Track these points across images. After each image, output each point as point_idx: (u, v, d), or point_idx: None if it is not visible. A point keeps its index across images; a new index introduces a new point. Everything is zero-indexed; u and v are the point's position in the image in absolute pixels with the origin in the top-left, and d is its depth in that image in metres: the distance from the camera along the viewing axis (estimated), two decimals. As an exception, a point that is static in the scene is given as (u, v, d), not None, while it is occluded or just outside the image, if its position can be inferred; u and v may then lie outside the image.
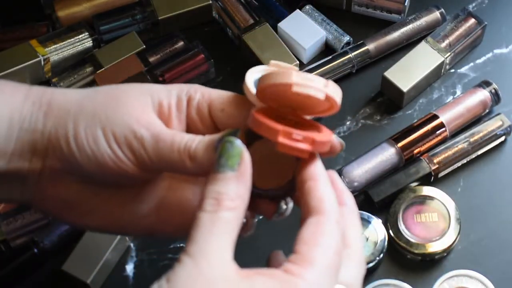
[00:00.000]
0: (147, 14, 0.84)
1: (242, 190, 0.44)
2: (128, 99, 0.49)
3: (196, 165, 0.47)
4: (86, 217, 0.51)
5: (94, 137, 0.47)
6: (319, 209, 0.44)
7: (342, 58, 0.80)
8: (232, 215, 0.43)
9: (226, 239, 0.42)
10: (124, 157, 0.47)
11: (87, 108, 0.48)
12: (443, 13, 0.83)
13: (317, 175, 0.46)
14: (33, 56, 0.79)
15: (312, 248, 0.43)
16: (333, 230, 0.43)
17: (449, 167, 0.74)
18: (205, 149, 0.47)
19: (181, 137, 0.48)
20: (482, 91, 0.77)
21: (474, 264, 0.70)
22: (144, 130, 0.47)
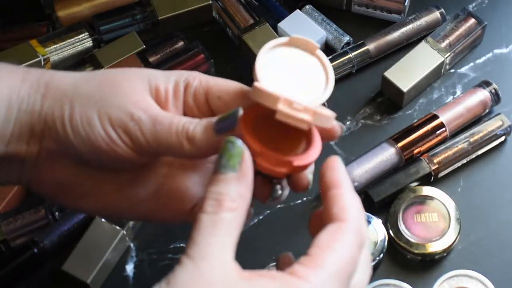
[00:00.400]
0: (147, 14, 0.84)
1: (244, 190, 0.43)
2: (125, 82, 0.49)
3: (194, 148, 0.47)
4: (82, 200, 0.51)
5: (89, 119, 0.47)
6: (341, 217, 0.43)
7: (342, 58, 0.80)
8: (233, 215, 0.42)
9: (227, 240, 0.41)
10: (118, 139, 0.47)
11: (83, 90, 0.48)
12: (443, 13, 0.83)
13: (341, 182, 0.45)
14: (33, 56, 0.79)
15: (324, 252, 0.42)
16: (351, 239, 0.43)
17: (449, 167, 0.74)
18: (203, 130, 0.47)
19: (179, 119, 0.47)
20: (482, 91, 0.77)
21: (474, 264, 0.70)
22: (142, 112, 0.47)
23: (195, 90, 0.50)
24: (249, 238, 0.73)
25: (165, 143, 0.47)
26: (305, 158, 0.46)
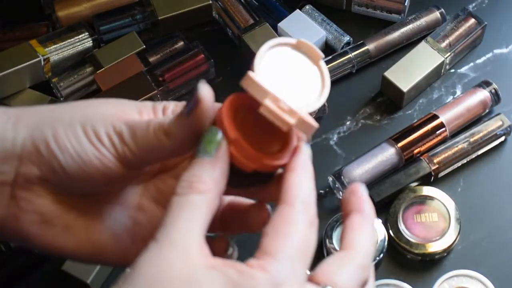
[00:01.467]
0: (147, 14, 0.84)
1: (217, 175, 0.43)
2: (103, 104, 0.48)
3: (173, 140, 0.45)
4: (64, 235, 0.48)
5: (75, 135, 0.46)
6: (284, 199, 0.43)
7: (342, 58, 0.80)
8: (203, 198, 0.42)
9: (194, 225, 0.41)
10: (107, 152, 0.46)
11: (61, 112, 0.47)
12: (443, 13, 0.83)
13: (296, 166, 0.45)
14: (33, 56, 0.78)
15: (273, 239, 0.41)
16: (297, 218, 0.42)
17: (449, 167, 0.74)
18: (176, 119, 0.46)
19: (155, 119, 0.47)
20: (482, 91, 0.77)
21: (474, 264, 0.70)
22: (123, 124, 0.46)
23: (173, 110, 0.49)
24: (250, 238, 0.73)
25: (146, 146, 0.46)
26: (276, 158, 0.45)
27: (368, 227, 0.46)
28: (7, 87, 0.78)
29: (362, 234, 0.45)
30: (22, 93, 0.79)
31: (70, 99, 0.80)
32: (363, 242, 0.45)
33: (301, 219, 0.43)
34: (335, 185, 0.73)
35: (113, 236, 0.49)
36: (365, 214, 0.46)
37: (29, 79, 0.79)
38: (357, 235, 0.45)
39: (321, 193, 0.75)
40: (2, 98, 0.79)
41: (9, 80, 0.78)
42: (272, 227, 0.42)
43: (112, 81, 0.79)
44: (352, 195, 0.47)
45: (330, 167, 0.76)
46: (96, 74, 0.80)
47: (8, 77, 0.77)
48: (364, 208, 0.46)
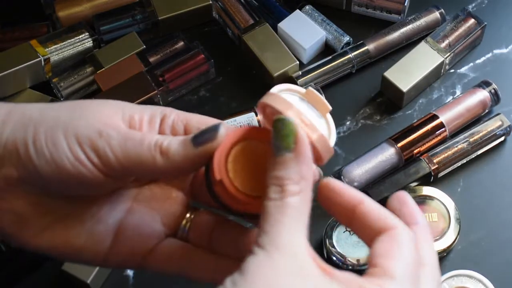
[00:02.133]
0: (147, 14, 0.84)
1: (305, 170, 0.41)
2: (95, 106, 0.47)
3: (169, 161, 0.44)
4: (40, 235, 0.47)
5: (54, 139, 0.45)
6: (387, 226, 0.43)
7: (342, 58, 0.80)
8: (299, 199, 0.40)
9: (296, 226, 0.40)
10: (85, 159, 0.44)
11: (50, 113, 0.46)
12: (443, 13, 0.83)
13: (358, 196, 0.44)
14: (33, 56, 0.79)
15: (390, 261, 0.41)
16: (408, 241, 0.42)
17: (449, 167, 0.74)
18: (179, 143, 0.45)
19: (151, 135, 0.46)
20: (482, 91, 0.77)
21: (474, 264, 0.70)
22: (111, 130, 0.45)
23: (173, 121, 0.48)
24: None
25: (135, 159, 0.45)
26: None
27: (429, 238, 0.45)
28: (8, 87, 0.78)
29: (427, 248, 0.44)
30: (23, 93, 0.79)
31: (70, 99, 0.80)
32: (431, 255, 0.44)
33: (412, 243, 0.42)
34: (335, 185, 0.73)
35: (92, 238, 0.48)
36: (421, 225, 0.45)
37: (29, 79, 0.79)
38: (424, 250, 0.44)
39: (321, 193, 0.75)
40: (3, 98, 0.79)
41: (10, 80, 0.78)
42: (386, 250, 0.41)
43: (112, 81, 0.79)
44: (403, 206, 0.45)
45: (330, 167, 0.76)
46: (96, 74, 0.80)
47: (8, 77, 0.77)
48: (418, 219, 0.45)
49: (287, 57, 0.80)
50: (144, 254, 0.49)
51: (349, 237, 0.70)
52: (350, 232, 0.71)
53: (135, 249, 0.49)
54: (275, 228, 0.40)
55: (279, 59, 0.80)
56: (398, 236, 0.42)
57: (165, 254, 0.49)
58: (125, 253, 0.49)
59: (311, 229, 0.75)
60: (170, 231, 0.50)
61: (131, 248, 0.49)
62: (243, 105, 0.80)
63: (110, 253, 0.49)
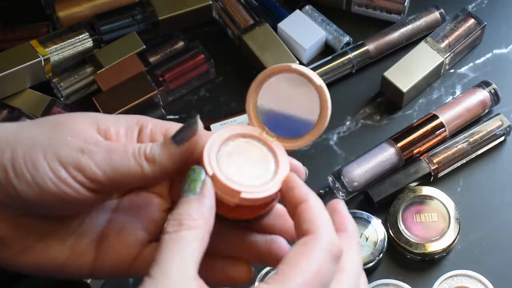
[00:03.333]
0: (147, 14, 0.84)
1: (205, 211, 0.43)
2: (71, 124, 0.46)
3: (157, 167, 0.45)
4: (23, 255, 0.47)
5: (33, 161, 0.44)
6: (309, 230, 0.43)
7: (342, 58, 0.80)
8: (194, 233, 0.42)
9: (188, 257, 0.41)
10: (69, 178, 0.44)
11: (25, 134, 0.45)
12: (442, 13, 0.83)
13: (306, 195, 0.45)
14: (33, 56, 0.79)
15: (290, 269, 0.41)
16: (320, 252, 0.42)
17: (449, 167, 0.74)
18: (161, 146, 0.45)
19: (133, 145, 0.46)
20: (482, 91, 0.77)
21: (473, 264, 0.70)
22: (92, 145, 0.45)
23: (151, 131, 0.48)
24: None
25: (123, 169, 0.44)
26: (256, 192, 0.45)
27: (354, 246, 0.45)
28: (8, 87, 0.78)
29: (350, 255, 0.45)
30: (23, 93, 0.79)
31: (70, 99, 0.80)
32: (351, 262, 0.44)
33: (324, 252, 0.42)
34: (335, 185, 0.74)
35: (75, 253, 0.48)
36: (349, 233, 0.46)
37: (29, 79, 0.79)
38: (345, 257, 0.44)
39: (321, 193, 0.75)
40: (3, 98, 0.79)
41: (10, 80, 0.78)
42: (292, 256, 0.42)
43: (112, 81, 0.79)
44: (334, 213, 0.46)
45: (330, 167, 0.76)
46: (97, 74, 0.80)
47: (8, 77, 0.77)
48: (347, 227, 0.46)
49: (287, 57, 0.80)
50: (130, 262, 0.49)
51: (349, 237, 0.70)
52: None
53: (120, 258, 0.49)
54: (167, 258, 0.41)
55: (279, 59, 0.80)
56: (311, 243, 0.42)
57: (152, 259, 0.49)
58: (110, 263, 0.49)
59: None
60: (153, 237, 0.50)
61: (116, 257, 0.49)
62: (243, 105, 0.79)
63: (95, 265, 0.48)
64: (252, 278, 0.49)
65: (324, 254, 0.42)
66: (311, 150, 0.78)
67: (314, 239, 0.42)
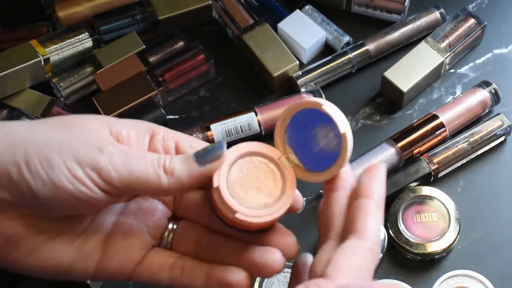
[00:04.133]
0: (147, 14, 0.84)
1: None
2: (84, 123, 0.46)
3: (173, 180, 0.45)
4: (30, 257, 0.47)
5: (48, 159, 0.44)
6: (362, 235, 0.44)
7: (342, 58, 0.80)
8: None
9: None
10: (85, 177, 0.44)
11: (37, 133, 0.45)
12: (443, 13, 0.83)
13: (374, 193, 0.46)
14: (33, 56, 0.79)
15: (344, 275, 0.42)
16: (368, 259, 0.44)
17: (449, 167, 0.74)
18: (183, 162, 0.45)
19: (152, 153, 0.46)
20: (482, 91, 0.77)
21: (473, 264, 0.70)
22: (111, 146, 0.45)
23: (163, 137, 0.48)
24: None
25: (140, 176, 0.44)
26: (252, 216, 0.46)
27: (377, 214, 0.46)
28: (7, 87, 0.78)
29: (372, 221, 0.45)
30: (22, 93, 0.79)
31: (70, 99, 0.80)
32: (373, 229, 0.45)
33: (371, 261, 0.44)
34: (335, 185, 0.73)
35: (81, 255, 0.48)
36: (374, 200, 0.46)
37: (29, 79, 0.79)
38: (367, 222, 0.45)
39: (321, 193, 0.75)
40: (2, 98, 0.79)
41: (9, 80, 0.78)
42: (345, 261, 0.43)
43: (112, 81, 0.79)
44: (367, 176, 0.47)
45: (330, 167, 0.76)
46: (96, 74, 0.80)
47: (8, 77, 0.77)
48: (373, 194, 0.46)
49: (287, 57, 0.80)
50: (134, 266, 0.49)
51: (349, 237, 0.70)
52: (350, 232, 0.71)
53: (124, 261, 0.49)
54: None
55: (279, 59, 0.80)
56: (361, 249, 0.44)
57: (156, 263, 0.49)
58: (114, 266, 0.49)
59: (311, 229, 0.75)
60: (156, 242, 0.50)
61: (120, 260, 0.49)
62: (243, 105, 0.80)
63: (99, 267, 0.49)
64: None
65: (371, 262, 0.44)
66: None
67: (366, 246, 0.44)
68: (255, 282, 0.68)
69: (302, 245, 0.72)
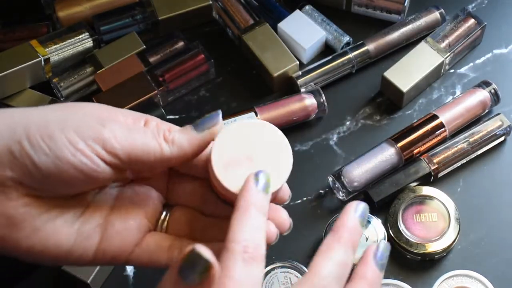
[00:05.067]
0: (147, 14, 0.84)
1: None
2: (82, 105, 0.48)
3: (175, 148, 0.47)
4: (32, 238, 0.47)
5: (50, 134, 0.45)
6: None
7: (342, 58, 0.80)
8: None
9: None
10: (87, 149, 0.45)
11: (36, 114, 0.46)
12: (442, 13, 0.83)
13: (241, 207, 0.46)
14: (33, 56, 0.79)
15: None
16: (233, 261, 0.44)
17: (449, 167, 0.74)
18: (181, 130, 0.47)
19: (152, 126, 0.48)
20: (482, 91, 0.77)
21: (473, 264, 0.70)
22: (113, 122, 0.46)
23: (156, 125, 0.50)
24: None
25: (142, 147, 0.46)
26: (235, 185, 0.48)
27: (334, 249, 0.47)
28: (8, 87, 0.78)
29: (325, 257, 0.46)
30: (22, 93, 0.79)
31: (70, 99, 0.80)
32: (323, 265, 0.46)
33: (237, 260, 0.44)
34: (335, 185, 0.73)
35: (81, 237, 0.49)
36: (336, 235, 0.47)
37: (29, 79, 0.80)
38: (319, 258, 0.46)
39: (321, 193, 0.75)
40: (3, 98, 0.79)
41: (10, 80, 0.78)
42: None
43: (113, 81, 0.79)
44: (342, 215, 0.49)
45: (330, 167, 0.76)
46: (97, 74, 0.80)
47: (8, 77, 0.77)
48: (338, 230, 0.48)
49: (287, 57, 0.80)
50: (132, 248, 0.50)
51: (349, 237, 0.70)
52: (350, 232, 0.71)
53: (123, 243, 0.50)
54: None
55: (279, 59, 0.80)
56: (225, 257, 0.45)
57: (154, 244, 0.50)
58: (113, 248, 0.50)
59: (311, 229, 0.75)
60: (152, 226, 0.52)
61: (120, 242, 0.50)
62: (243, 105, 0.80)
63: (98, 250, 0.49)
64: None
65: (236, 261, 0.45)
66: (311, 150, 0.78)
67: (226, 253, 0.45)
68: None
69: (302, 244, 0.72)
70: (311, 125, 0.79)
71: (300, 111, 0.77)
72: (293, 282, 0.68)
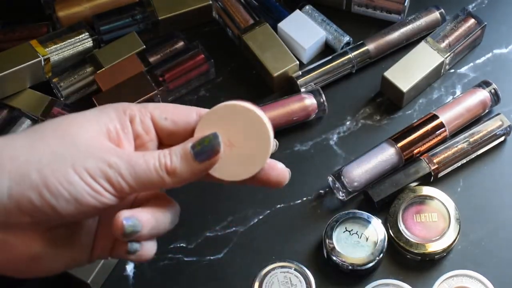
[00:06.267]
0: (147, 14, 0.84)
1: None
2: (80, 130, 0.48)
3: (177, 179, 0.48)
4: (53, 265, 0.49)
5: (67, 179, 0.45)
6: None
7: (342, 58, 0.80)
8: None
9: None
10: (102, 189, 0.46)
11: (40, 148, 0.46)
12: (443, 13, 0.83)
13: None
14: (33, 56, 0.79)
15: None
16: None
17: (449, 167, 0.74)
18: (182, 160, 0.48)
19: (151, 155, 0.48)
20: (482, 91, 0.77)
21: (473, 264, 0.70)
22: (115, 158, 0.47)
23: (140, 119, 0.50)
24: (249, 238, 0.73)
25: (146, 182, 0.47)
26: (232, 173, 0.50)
27: None
28: (7, 87, 0.78)
29: None
30: (22, 93, 0.79)
31: (70, 99, 0.80)
32: None
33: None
34: (335, 185, 0.73)
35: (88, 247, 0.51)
36: None
37: (29, 79, 0.79)
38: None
39: (321, 193, 0.75)
40: (2, 98, 0.79)
41: (9, 80, 0.78)
42: None
43: (112, 81, 0.79)
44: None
45: (330, 167, 0.76)
46: (96, 74, 0.80)
47: (8, 77, 0.77)
48: None
49: (287, 57, 0.80)
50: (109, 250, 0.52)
51: (349, 237, 0.70)
52: (350, 232, 0.71)
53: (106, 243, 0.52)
54: None
55: (279, 59, 0.80)
56: None
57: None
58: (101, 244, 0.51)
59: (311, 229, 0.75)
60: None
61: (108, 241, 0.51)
62: (243, 105, 0.80)
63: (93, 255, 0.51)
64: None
65: None
66: (311, 150, 0.78)
67: None
68: (255, 282, 0.68)
69: (302, 244, 0.72)
70: (311, 125, 0.79)
71: (300, 111, 0.77)
72: (293, 282, 0.68)
